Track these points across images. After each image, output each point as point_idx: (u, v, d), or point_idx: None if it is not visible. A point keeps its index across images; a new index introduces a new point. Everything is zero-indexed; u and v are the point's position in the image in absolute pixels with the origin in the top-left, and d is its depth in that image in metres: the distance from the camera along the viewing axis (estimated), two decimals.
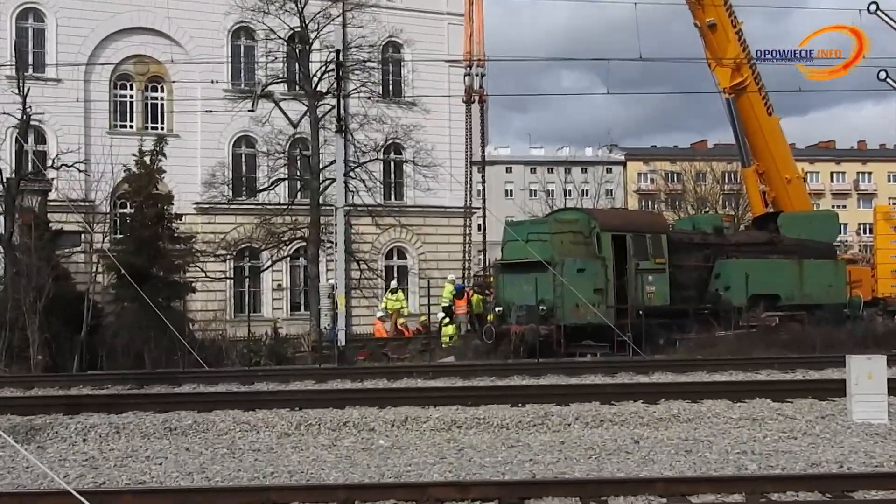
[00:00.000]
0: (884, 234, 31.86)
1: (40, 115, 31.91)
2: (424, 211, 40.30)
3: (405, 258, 41.02)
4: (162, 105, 38.14)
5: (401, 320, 30.98)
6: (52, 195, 29.87)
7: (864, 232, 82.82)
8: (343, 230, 26.22)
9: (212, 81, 36.47)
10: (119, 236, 30.27)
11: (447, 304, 29.68)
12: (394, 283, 32.52)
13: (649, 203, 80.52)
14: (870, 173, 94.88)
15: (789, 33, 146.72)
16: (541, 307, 23.61)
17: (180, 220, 28.99)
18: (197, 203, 36.61)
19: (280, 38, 32.28)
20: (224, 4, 36.10)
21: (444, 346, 26.50)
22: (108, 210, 31.60)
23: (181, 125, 37.66)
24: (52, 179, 30.17)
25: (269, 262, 35.14)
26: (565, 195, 64.93)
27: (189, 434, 12.94)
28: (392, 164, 40.12)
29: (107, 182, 29.28)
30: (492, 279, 28.02)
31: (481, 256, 37.27)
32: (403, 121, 36.94)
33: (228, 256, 34.58)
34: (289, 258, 36.84)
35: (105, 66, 36.92)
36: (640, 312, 24.12)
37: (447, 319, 28.23)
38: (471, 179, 37.38)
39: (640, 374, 18.71)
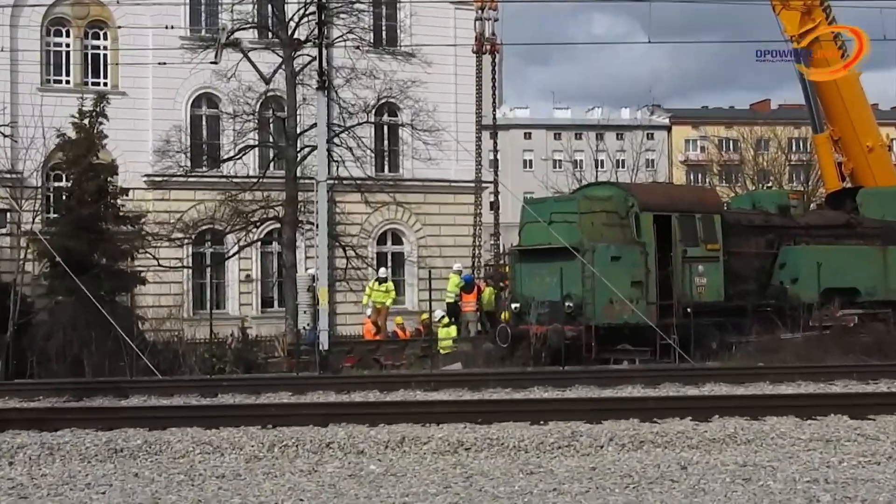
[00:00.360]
0: None
1: None
2: (425, 186, 39.86)
3: (401, 243, 40.60)
4: (105, 56, 37.98)
5: (398, 319, 30.60)
6: None
7: None
8: (326, 209, 25.88)
9: (166, 27, 36.01)
10: (53, 216, 29.83)
11: (453, 300, 29.37)
12: (382, 271, 32.19)
13: (699, 176, 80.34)
14: None
15: None
16: (567, 303, 23.42)
17: (127, 195, 28.48)
18: (147, 175, 36.22)
19: None
20: None
21: (442, 351, 26.08)
22: (40, 183, 31.10)
23: (128, 80, 37.45)
24: None
25: (236, 248, 34.58)
26: (597, 166, 64.17)
27: (138, 456, 12.87)
28: (385, 128, 39.79)
29: (37, 149, 28.95)
30: (507, 269, 27.68)
31: (494, 241, 36.48)
32: (399, 75, 36.46)
33: (186, 241, 34.23)
34: (259, 243, 36.62)
35: (35, 9, 36.60)
36: (689, 310, 24.09)
37: (447, 319, 27.73)
38: (481, 147, 37.08)
39: (688, 386, 18.74)
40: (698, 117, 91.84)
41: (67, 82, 37.27)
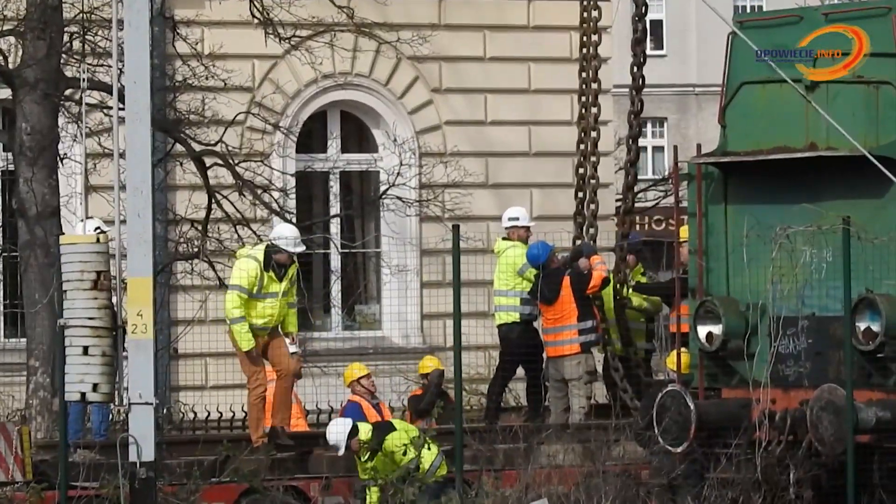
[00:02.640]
0: None
1: None
2: None
3: (371, 148, 34.30)
4: None
5: (354, 372, 25.83)
6: None
7: None
8: (146, 40, 20.96)
9: None
10: None
11: (517, 317, 25.35)
12: (287, 234, 25.63)
13: None
14: None
15: None
16: (865, 325, 20.33)
17: None
18: None
19: None
20: None
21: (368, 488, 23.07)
22: None
23: None
24: None
25: None
26: None
27: None
28: None
29: None
30: (683, 225, 24.06)
31: (632, 148, 29.34)
32: None
33: None
34: None
35: None
36: None
37: (366, 432, 23.20)
38: None
39: None
40: None
41: None
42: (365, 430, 22.20)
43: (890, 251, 19.70)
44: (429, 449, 22.54)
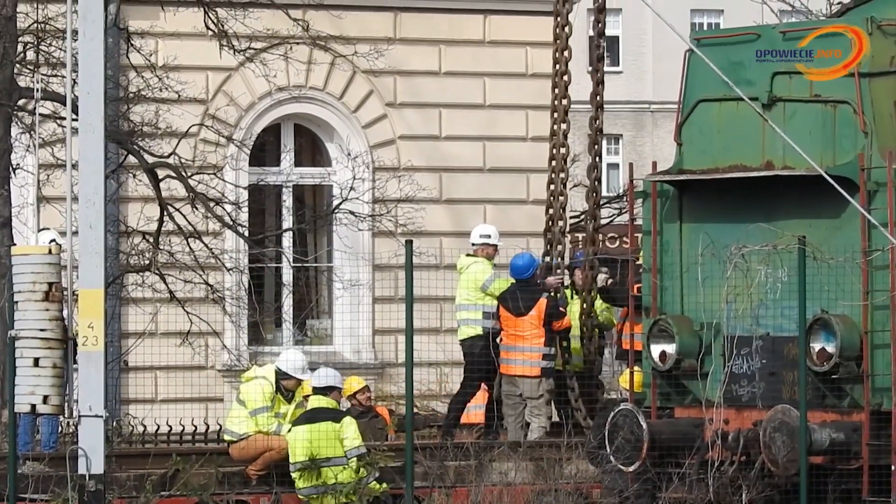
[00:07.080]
0: None
1: None
2: None
3: (324, 161, 32.99)
4: None
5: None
6: None
7: None
8: (100, 47, 20.65)
9: None
10: None
11: (479, 330, 25.20)
12: (289, 360, 24.50)
13: None
14: None
15: None
16: (819, 345, 20.73)
17: None
18: None
19: None
20: None
21: None
22: None
23: None
24: None
25: None
26: None
27: None
28: None
29: None
30: (636, 243, 25.19)
31: (597, 166, 28.38)
32: None
33: None
34: None
35: None
36: None
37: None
38: None
39: None
40: None
41: None
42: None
43: (845, 272, 19.81)
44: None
